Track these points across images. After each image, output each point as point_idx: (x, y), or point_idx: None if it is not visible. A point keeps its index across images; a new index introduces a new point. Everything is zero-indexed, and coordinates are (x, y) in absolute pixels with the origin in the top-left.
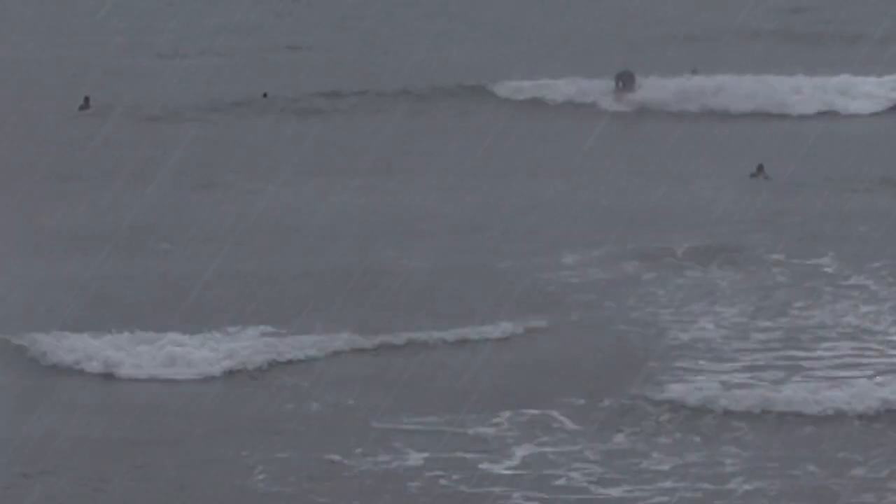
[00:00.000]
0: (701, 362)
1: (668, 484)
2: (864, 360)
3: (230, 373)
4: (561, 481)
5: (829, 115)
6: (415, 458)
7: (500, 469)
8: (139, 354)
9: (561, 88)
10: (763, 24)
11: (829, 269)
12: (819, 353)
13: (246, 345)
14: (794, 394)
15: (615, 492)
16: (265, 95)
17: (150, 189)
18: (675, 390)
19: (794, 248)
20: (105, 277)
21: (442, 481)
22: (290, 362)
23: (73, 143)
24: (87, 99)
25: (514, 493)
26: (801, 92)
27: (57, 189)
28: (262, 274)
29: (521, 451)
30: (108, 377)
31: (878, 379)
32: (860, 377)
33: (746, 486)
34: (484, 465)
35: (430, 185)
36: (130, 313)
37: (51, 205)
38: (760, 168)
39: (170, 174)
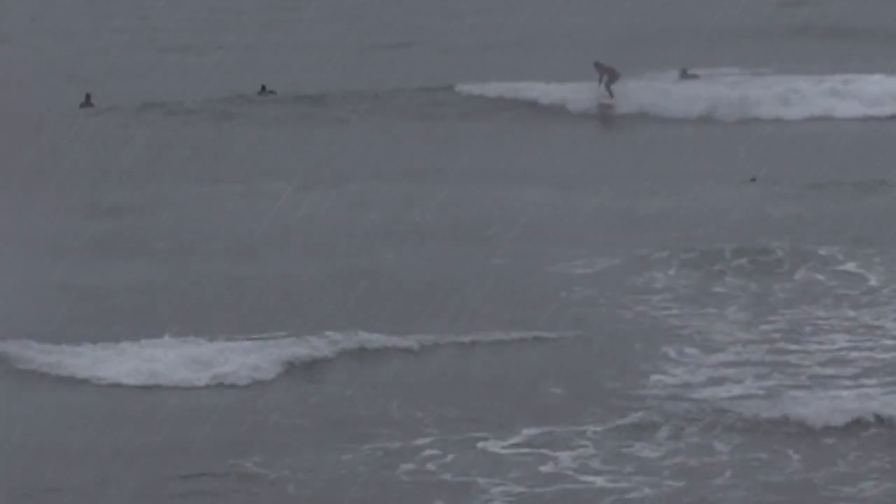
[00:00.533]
0: (695, 359)
1: (653, 476)
2: (856, 357)
3: (236, 378)
4: (548, 467)
5: (825, 117)
6: (419, 441)
7: (496, 448)
8: (144, 361)
9: (556, 91)
10: (759, 20)
11: (832, 270)
12: (815, 350)
13: (254, 350)
14: (785, 392)
15: (599, 480)
16: (263, 88)
17: (151, 189)
18: (667, 385)
19: (799, 250)
20: (105, 282)
21: (430, 465)
22: (302, 365)
23: (76, 142)
24: (88, 96)
25: (504, 479)
26: (798, 93)
27: (60, 189)
28: (264, 277)
29: (516, 442)
30: (116, 385)
31: (866, 380)
32: (853, 374)
33: (729, 480)
34: (481, 445)
35: (432, 186)
36: (127, 319)
37: (53, 206)
38: (753, 180)
39: (170, 175)
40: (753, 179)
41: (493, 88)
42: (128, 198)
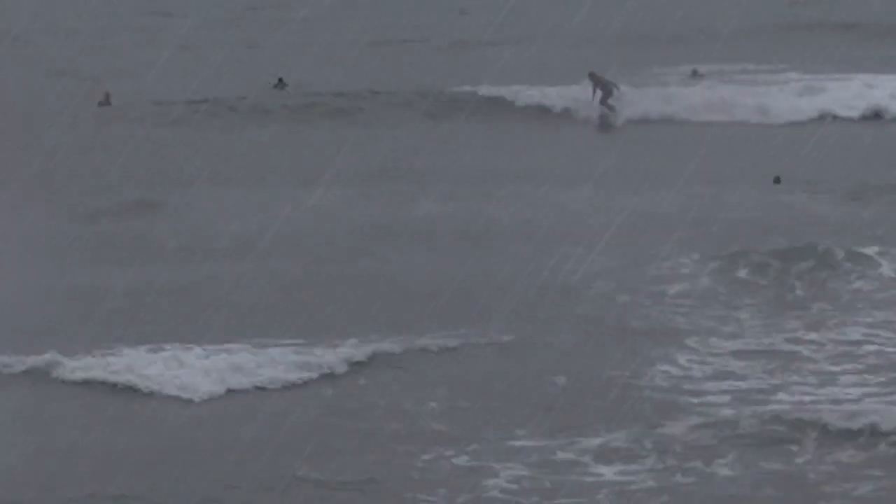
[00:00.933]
0: (706, 356)
1: (660, 469)
2: (867, 353)
3: (260, 387)
4: (561, 456)
5: (840, 117)
6: (435, 432)
7: (508, 442)
8: (165, 369)
9: (565, 93)
10: (770, 17)
11: (849, 273)
12: (826, 346)
13: (279, 355)
14: (787, 389)
15: (608, 471)
16: (280, 80)
17: (167, 190)
18: (675, 377)
19: (820, 250)
20: (119, 286)
21: (449, 451)
22: (326, 374)
23: (97, 141)
24: (107, 95)
25: (516, 466)
26: (809, 94)
27: (77, 193)
28: (280, 279)
29: (528, 436)
30: (138, 391)
31: (874, 377)
32: (860, 370)
33: (728, 472)
34: (495, 441)
35: (443, 187)
36: (144, 325)
37: (68, 209)
38: (777, 180)
39: (187, 175)
40: (777, 180)
41: (502, 89)
42: (143, 199)
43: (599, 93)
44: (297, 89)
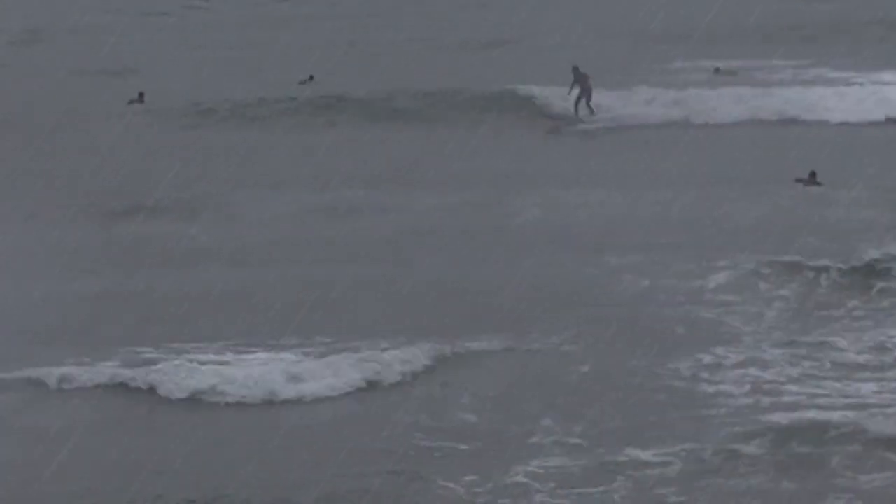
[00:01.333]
0: (733, 348)
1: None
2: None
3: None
4: (587, 444)
5: (861, 121)
6: (466, 423)
7: (536, 432)
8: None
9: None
10: (791, 14)
11: (883, 273)
12: (851, 342)
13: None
14: (807, 384)
15: (644, 454)
16: (311, 78)
17: (198, 191)
18: (702, 367)
19: (847, 255)
20: (156, 290)
21: (477, 441)
22: (355, 372)
23: (128, 141)
24: (141, 94)
25: (549, 456)
26: (834, 94)
27: (107, 194)
28: (312, 284)
29: (556, 426)
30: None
31: (890, 373)
32: (880, 366)
33: (750, 460)
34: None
35: (463, 190)
36: (176, 330)
37: (96, 210)
38: (813, 175)
39: (215, 177)
40: (813, 175)
41: (531, 90)
42: (176, 199)
43: (577, 93)
44: (319, 88)
